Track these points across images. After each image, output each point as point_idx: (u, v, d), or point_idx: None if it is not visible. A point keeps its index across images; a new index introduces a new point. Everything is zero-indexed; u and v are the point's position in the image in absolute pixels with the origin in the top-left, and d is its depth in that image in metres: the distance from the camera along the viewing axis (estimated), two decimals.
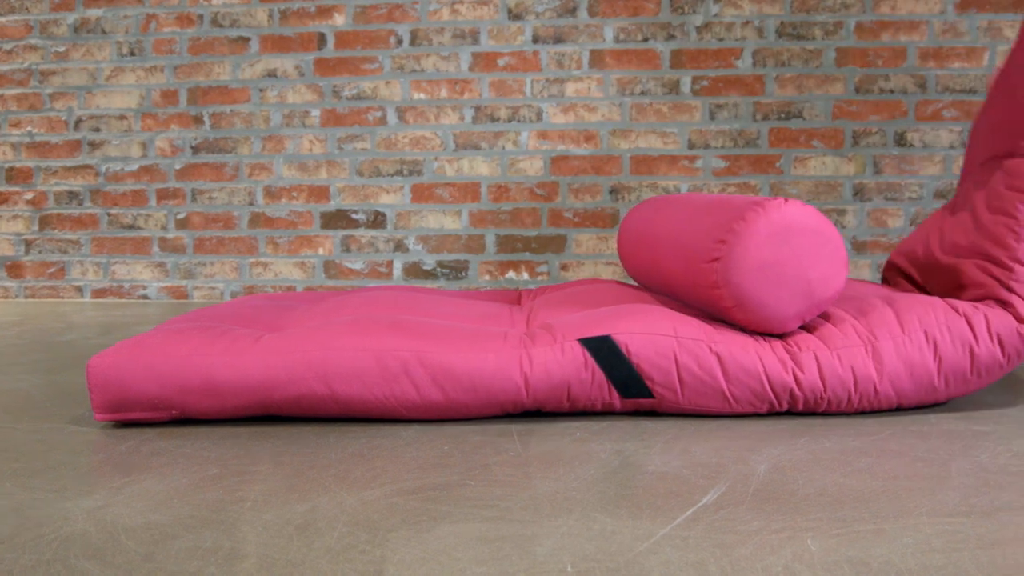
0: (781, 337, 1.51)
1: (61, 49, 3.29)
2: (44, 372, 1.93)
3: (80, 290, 3.36)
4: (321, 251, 3.25)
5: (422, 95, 3.17)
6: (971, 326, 1.49)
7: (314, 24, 3.18)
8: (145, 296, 3.33)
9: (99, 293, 3.35)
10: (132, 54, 3.26)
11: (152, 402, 1.43)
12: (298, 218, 3.25)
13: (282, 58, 3.20)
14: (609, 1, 3.09)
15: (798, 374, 1.45)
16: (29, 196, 3.35)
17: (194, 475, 1.19)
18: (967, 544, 0.94)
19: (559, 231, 3.16)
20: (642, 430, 1.41)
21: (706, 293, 1.52)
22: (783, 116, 3.07)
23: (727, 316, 1.51)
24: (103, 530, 0.99)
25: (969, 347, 1.48)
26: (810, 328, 1.53)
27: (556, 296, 1.88)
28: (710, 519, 1.01)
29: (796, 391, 1.45)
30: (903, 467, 1.21)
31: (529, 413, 1.52)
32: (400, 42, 3.16)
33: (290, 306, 1.89)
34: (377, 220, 3.22)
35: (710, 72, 3.08)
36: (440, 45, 3.15)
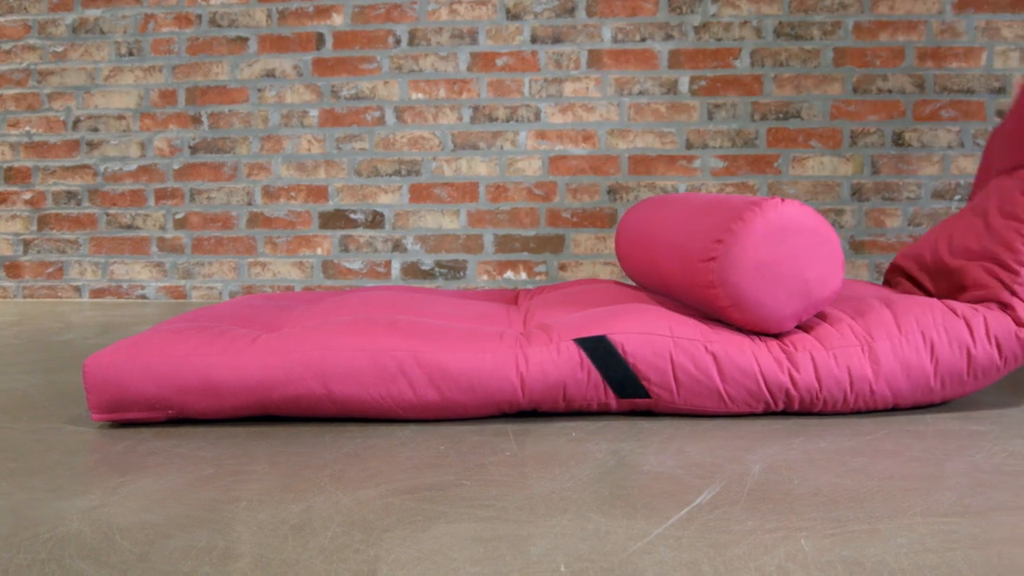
0: (777, 337, 1.51)
1: (59, 49, 3.29)
2: (42, 372, 1.93)
3: (78, 290, 3.36)
4: (319, 251, 3.25)
5: (420, 95, 3.17)
6: (969, 328, 1.49)
7: (312, 24, 3.19)
8: (143, 296, 3.33)
9: (97, 293, 3.35)
10: (130, 54, 3.26)
11: (149, 402, 1.43)
12: (296, 218, 3.25)
13: (280, 58, 3.21)
14: (607, 1, 3.09)
15: (794, 374, 1.45)
16: (27, 196, 3.35)
17: (190, 475, 1.19)
18: (961, 544, 0.94)
19: (557, 231, 3.16)
20: (638, 430, 1.41)
21: (703, 293, 1.52)
22: (781, 116, 3.08)
23: (724, 316, 1.51)
24: (98, 530, 0.99)
25: (966, 349, 1.49)
26: (807, 328, 1.53)
27: (553, 296, 1.88)
28: (704, 519, 1.01)
29: (792, 391, 1.45)
30: (898, 467, 1.21)
31: (525, 413, 1.52)
32: (398, 42, 3.16)
33: (288, 306, 1.89)
34: (375, 220, 3.22)
35: (708, 72, 3.08)
36: (438, 45, 3.15)
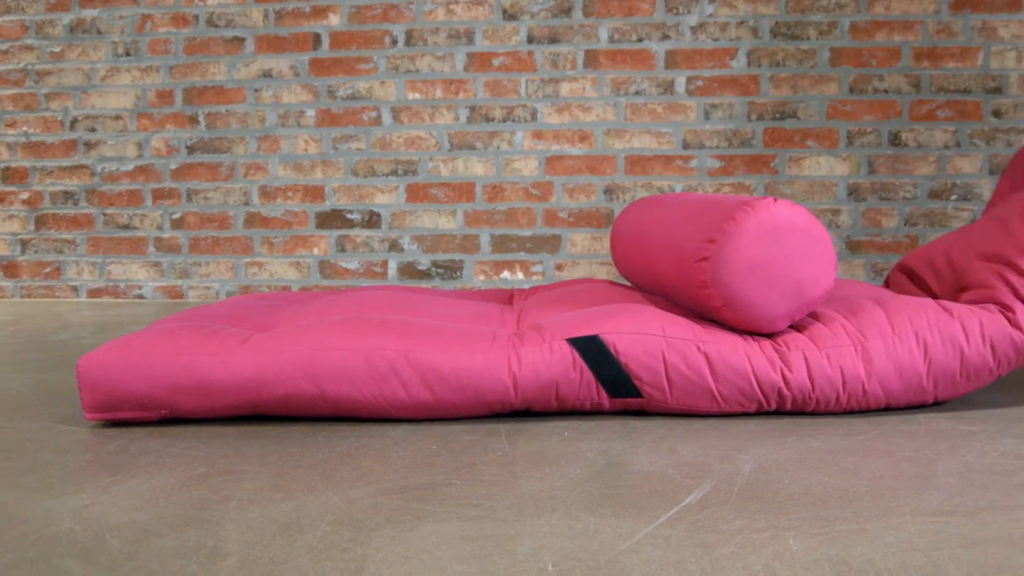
0: (770, 337, 1.51)
1: (57, 49, 3.30)
2: (36, 371, 1.93)
3: (76, 290, 3.36)
4: (316, 251, 3.25)
5: (417, 95, 3.17)
6: (964, 328, 1.49)
7: (309, 24, 3.19)
8: (141, 296, 3.33)
9: (95, 293, 3.35)
10: (128, 54, 3.27)
11: (141, 401, 1.43)
12: (293, 218, 3.25)
13: (277, 58, 3.21)
14: (604, 1, 3.09)
15: (786, 374, 1.45)
16: (25, 196, 3.35)
17: (181, 474, 1.20)
18: (948, 543, 0.94)
19: (554, 231, 3.16)
20: (630, 430, 1.41)
21: (696, 293, 1.52)
22: (778, 116, 3.08)
23: (716, 316, 1.51)
24: (88, 529, 0.99)
25: (960, 349, 1.48)
26: (800, 328, 1.53)
27: (547, 296, 1.89)
28: (693, 518, 1.01)
29: (784, 390, 1.45)
30: (889, 467, 1.21)
31: (519, 413, 1.52)
32: (395, 42, 3.17)
33: (281, 306, 1.89)
34: (372, 220, 3.22)
35: (705, 72, 3.08)
36: (435, 45, 3.15)
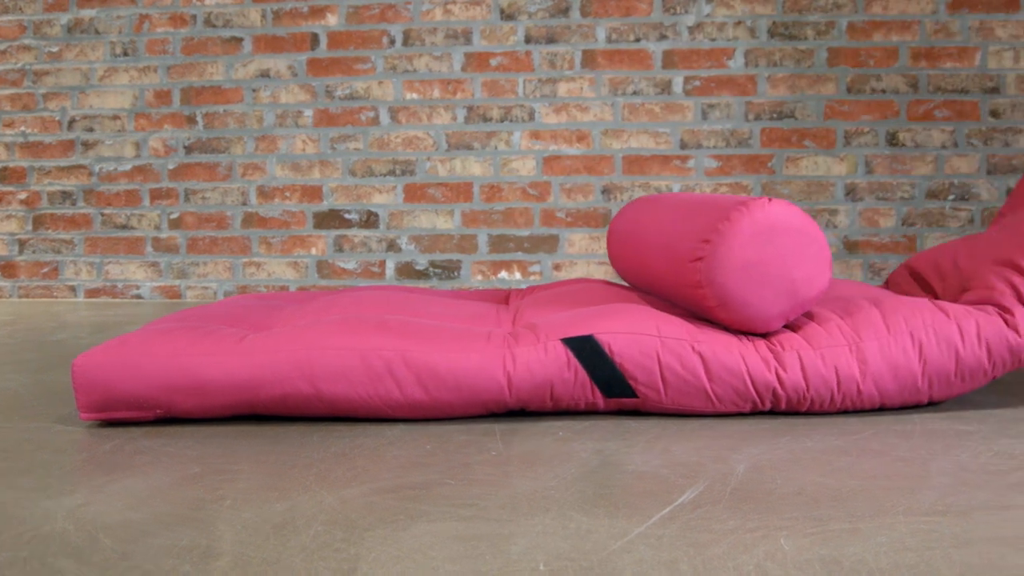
0: (765, 336, 1.51)
1: (55, 49, 3.30)
2: (33, 371, 1.93)
3: (73, 290, 3.36)
4: (314, 251, 3.25)
5: (415, 95, 3.17)
6: (960, 329, 1.49)
7: (307, 24, 3.19)
8: (138, 296, 3.33)
9: (92, 293, 3.35)
10: (125, 54, 3.27)
11: (137, 401, 1.43)
12: (291, 218, 3.25)
13: (275, 58, 3.21)
14: (601, 1, 3.09)
15: (781, 373, 1.45)
16: (23, 196, 3.36)
17: (176, 474, 1.20)
18: (941, 543, 0.94)
19: (551, 231, 3.16)
20: (625, 429, 1.41)
21: (690, 292, 1.52)
22: (775, 116, 3.08)
23: (711, 316, 1.51)
24: (81, 528, 1.00)
25: (955, 350, 1.48)
26: (795, 327, 1.53)
27: (544, 296, 1.89)
28: (686, 518, 1.01)
29: (779, 390, 1.45)
30: (883, 466, 1.21)
31: (514, 413, 1.52)
32: (393, 42, 3.17)
33: (278, 306, 1.89)
34: (370, 220, 3.23)
35: (702, 72, 3.08)
36: (433, 45, 3.16)
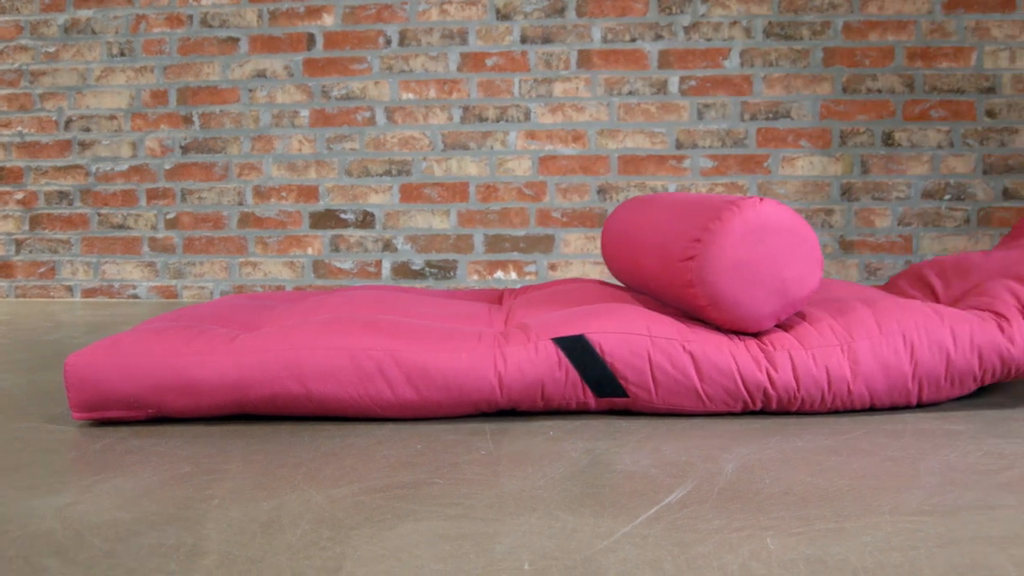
0: (756, 336, 1.51)
1: (51, 50, 3.30)
2: (26, 371, 1.93)
3: (70, 290, 3.36)
4: (310, 251, 3.25)
5: (411, 95, 3.18)
6: (953, 333, 1.48)
7: (303, 24, 3.19)
8: (135, 296, 3.33)
9: (89, 293, 3.35)
10: (122, 54, 3.27)
11: (128, 401, 1.43)
12: (287, 218, 3.25)
13: (271, 58, 3.21)
14: (597, 1, 3.09)
15: (772, 373, 1.45)
16: (19, 196, 3.36)
17: (165, 473, 1.20)
18: (926, 543, 0.94)
19: (547, 231, 3.16)
20: (615, 429, 1.41)
21: (682, 292, 1.52)
22: (771, 116, 3.08)
23: (702, 315, 1.51)
24: (69, 527, 1.00)
25: (946, 353, 1.48)
26: (787, 327, 1.53)
27: (537, 295, 1.89)
28: (672, 517, 1.01)
29: (770, 390, 1.45)
30: (872, 466, 1.21)
31: (505, 412, 1.52)
32: (389, 42, 3.17)
33: (270, 305, 1.89)
34: (366, 220, 3.23)
35: (698, 72, 3.08)
36: (429, 45, 3.16)
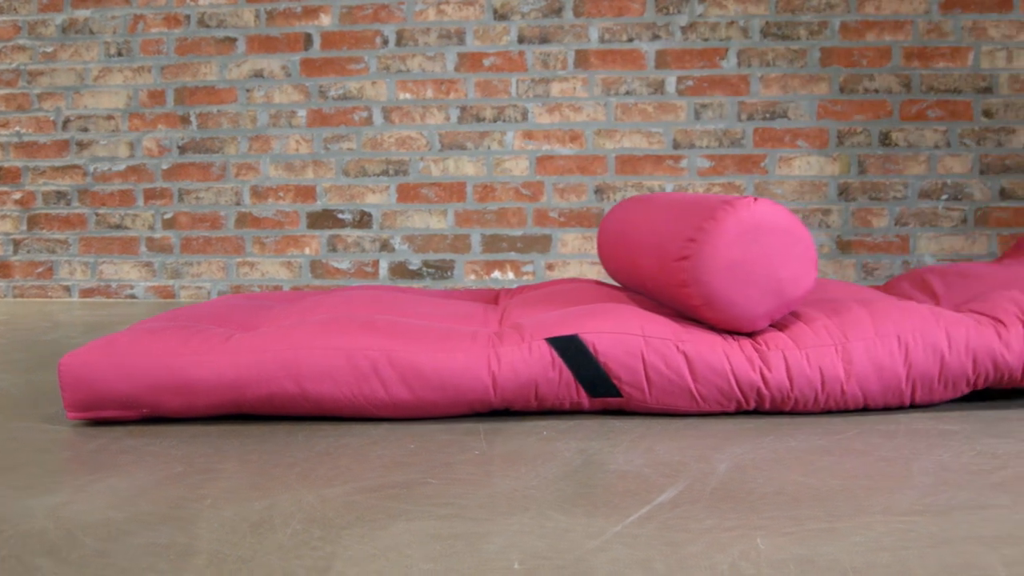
0: (751, 336, 1.51)
1: (49, 50, 3.30)
2: (23, 371, 1.93)
3: (68, 290, 3.36)
4: (307, 251, 3.26)
5: (408, 95, 3.18)
6: (948, 336, 1.48)
7: (300, 24, 3.19)
8: (132, 296, 3.34)
9: (87, 293, 3.36)
10: (120, 54, 3.27)
11: (123, 401, 1.43)
12: (284, 218, 3.25)
13: (268, 58, 3.21)
14: (594, 1, 3.09)
15: (765, 373, 1.45)
16: (17, 196, 3.36)
17: (159, 473, 1.20)
18: (917, 543, 0.94)
19: (544, 231, 3.17)
20: (609, 429, 1.41)
21: (676, 292, 1.53)
22: (768, 116, 3.08)
23: (697, 315, 1.52)
24: (61, 527, 1.00)
25: (940, 355, 1.48)
26: (781, 327, 1.53)
27: (532, 295, 1.89)
28: (664, 517, 1.02)
29: (763, 389, 1.45)
30: (865, 466, 1.21)
31: (499, 412, 1.52)
32: (386, 42, 3.17)
33: (267, 305, 1.90)
34: (363, 220, 3.23)
35: (695, 72, 3.09)
36: (426, 45, 3.16)
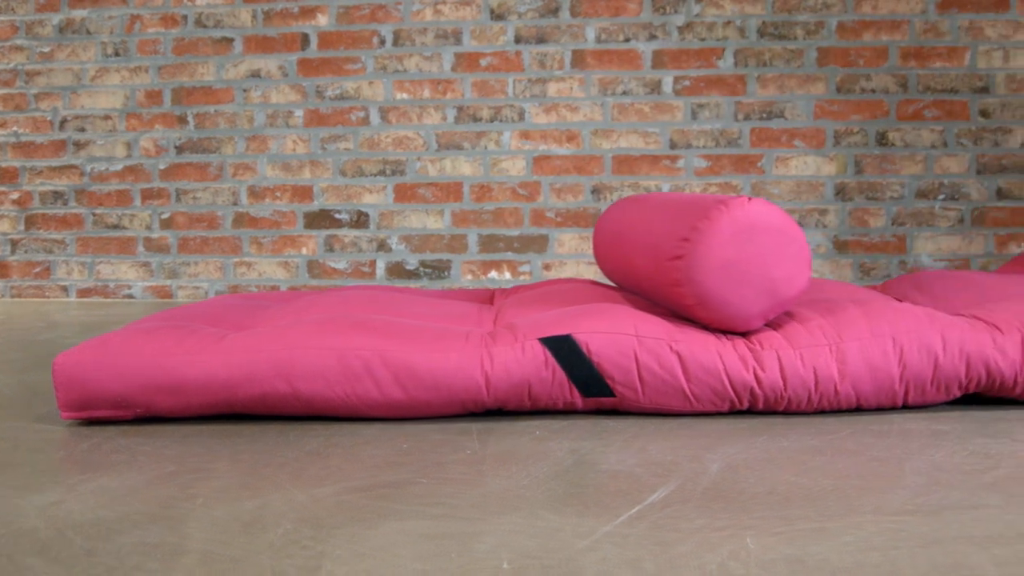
0: (745, 335, 1.51)
1: (46, 50, 3.30)
2: (17, 371, 1.93)
3: (65, 290, 3.36)
4: (305, 251, 3.26)
5: (405, 95, 3.18)
6: (943, 338, 1.48)
7: (297, 24, 3.19)
8: (130, 296, 3.34)
9: (84, 293, 3.36)
10: (117, 54, 3.27)
11: (116, 400, 1.43)
12: (282, 218, 3.25)
13: (266, 58, 3.21)
14: (591, 1, 3.09)
15: (759, 372, 1.45)
16: (15, 196, 3.36)
17: (151, 472, 1.20)
18: (907, 543, 0.94)
19: (541, 231, 3.17)
20: (602, 429, 1.41)
21: (671, 291, 1.53)
22: (765, 116, 3.08)
23: (690, 314, 1.52)
24: (52, 526, 1.00)
25: (934, 357, 1.47)
26: (775, 326, 1.53)
27: (527, 295, 1.89)
28: (654, 517, 1.02)
29: (756, 389, 1.45)
30: (857, 466, 1.21)
31: (492, 412, 1.52)
32: (383, 42, 3.17)
33: (263, 305, 1.90)
34: (360, 220, 3.23)
35: (692, 72, 3.09)
36: (423, 45, 3.16)
